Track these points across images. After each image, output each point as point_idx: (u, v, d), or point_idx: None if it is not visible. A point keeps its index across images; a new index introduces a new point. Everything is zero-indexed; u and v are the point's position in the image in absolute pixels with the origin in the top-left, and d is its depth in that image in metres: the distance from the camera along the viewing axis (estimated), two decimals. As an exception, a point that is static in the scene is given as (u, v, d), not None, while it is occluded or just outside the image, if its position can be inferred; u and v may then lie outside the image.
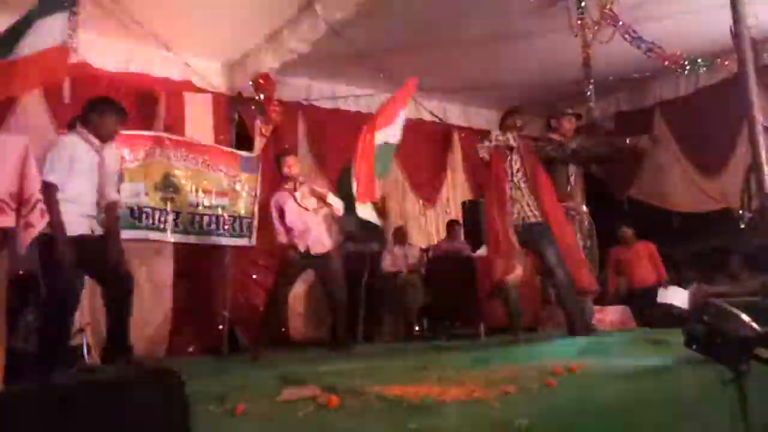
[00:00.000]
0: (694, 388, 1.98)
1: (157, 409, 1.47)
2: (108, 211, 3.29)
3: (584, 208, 4.43)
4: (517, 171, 3.86)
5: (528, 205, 3.80)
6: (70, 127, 3.68)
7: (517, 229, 3.78)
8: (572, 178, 4.17)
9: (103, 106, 3.32)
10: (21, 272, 3.84)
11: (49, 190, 2.95)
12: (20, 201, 1.62)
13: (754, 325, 2.06)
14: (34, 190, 1.64)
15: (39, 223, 1.64)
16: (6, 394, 1.48)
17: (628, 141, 4.21)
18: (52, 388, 1.53)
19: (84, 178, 3.16)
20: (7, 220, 1.61)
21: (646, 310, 5.43)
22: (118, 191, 3.53)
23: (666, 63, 5.06)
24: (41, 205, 1.65)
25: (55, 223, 2.92)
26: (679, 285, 6.21)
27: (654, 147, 4.33)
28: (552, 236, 3.72)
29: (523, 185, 3.83)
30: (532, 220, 3.78)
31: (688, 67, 5.13)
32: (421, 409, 1.70)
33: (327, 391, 1.98)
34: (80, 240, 3.06)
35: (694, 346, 2.47)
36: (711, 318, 2.44)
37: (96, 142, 3.26)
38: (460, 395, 1.86)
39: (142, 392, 1.51)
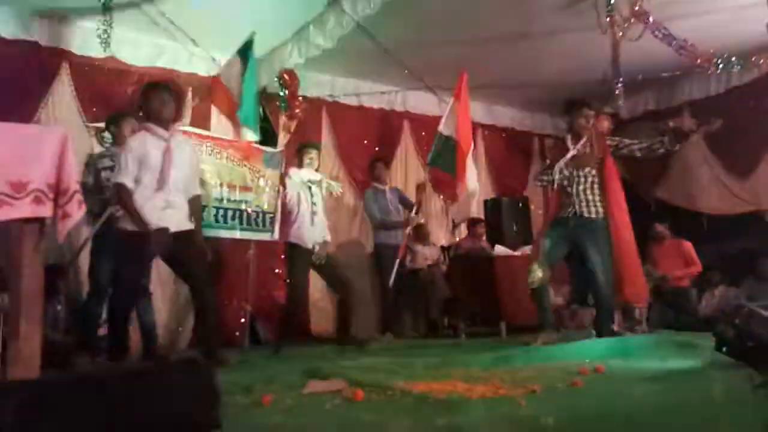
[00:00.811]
0: (724, 390, 1.95)
1: (188, 398, 1.50)
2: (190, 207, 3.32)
3: None
4: (584, 165, 3.72)
5: (588, 200, 3.67)
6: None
7: (568, 222, 3.68)
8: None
9: (154, 91, 3.32)
10: (50, 262, 3.94)
11: (120, 191, 3.11)
12: (57, 191, 1.67)
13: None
14: (71, 180, 1.68)
15: (76, 213, 1.67)
16: (44, 381, 1.52)
17: (671, 124, 4.10)
18: (87, 377, 1.57)
19: (154, 173, 3.16)
20: (45, 210, 1.65)
21: (675, 314, 5.31)
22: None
23: (698, 61, 4.95)
24: (78, 197, 1.69)
25: (136, 219, 3.04)
26: (706, 287, 6.10)
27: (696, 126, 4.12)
28: (604, 236, 3.62)
29: (589, 179, 3.70)
30: (586, 215, 3.65)
31: (721, 66, 5.00)
32: (447, 405, 1.70)
33: (352, 385, 2.00)
34: (154, 234, 3.07)
35: (724, 349, 2.44)
36: (742, 321, 2.41)
37: (162, 132, 3.25)
38: (486, 393, 1.86)
39: (175, 382, 1.54)
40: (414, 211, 5.51)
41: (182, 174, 3.27)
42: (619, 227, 3.66)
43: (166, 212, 3.14)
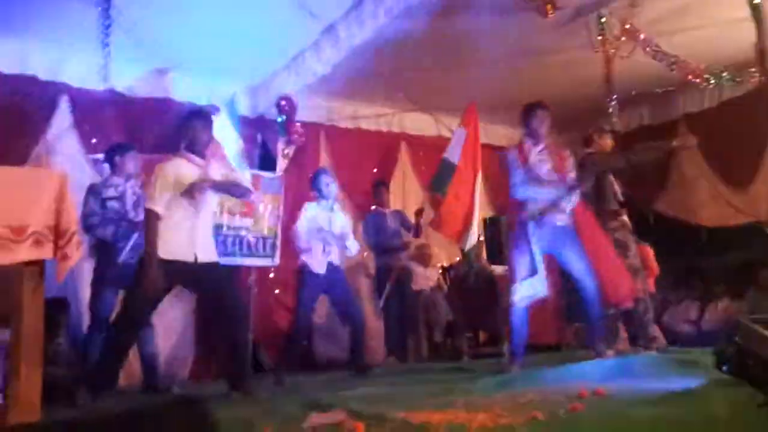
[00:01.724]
0: (727, 411, 1.94)
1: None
2: None
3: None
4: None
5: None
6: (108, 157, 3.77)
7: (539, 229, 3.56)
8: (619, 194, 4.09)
9: (190, 118, 3.26)
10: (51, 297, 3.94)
11: (150, 217, 3.03)
12: (57, 233, 1.69)
13: (788, 348, 2.01)
14: (71, 222, 1.71)
15: (75, 254, 1.70)
16: (47, 423, 1.52)
17: (674, 143, 4.20)
18: (88, 417, 1.57)
19: (189, 201, 3.07)
20: (45, 252, 1.67)
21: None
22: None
23: (690, 76, 5.00)
24: (77, 238, 1.71)
25: (150, 250, 2.96)
26: (707, 300, 6.08)
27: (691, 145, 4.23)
28: (577, 241, 3.55)
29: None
30: (558, 224, 3.57)
31: (712, 81, 5.06)
32: (447, 436, 1.69)
33: (353, 417, 1.99)
34: (175, 264, 3.02)
35: (725, 368, 2.43)
36: (743, 339, 2.40)
37: (198, 160, 3.17)
38: (487, 421, 1.85)
39: (174, 419, 1.54)
40: (413, 235, 5.52)
41: (215, 203, 3.24)
42: (584, 229, 3.59)
43: (196, 242, 3.08)
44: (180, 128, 3.28)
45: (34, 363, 1.70)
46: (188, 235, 3.06)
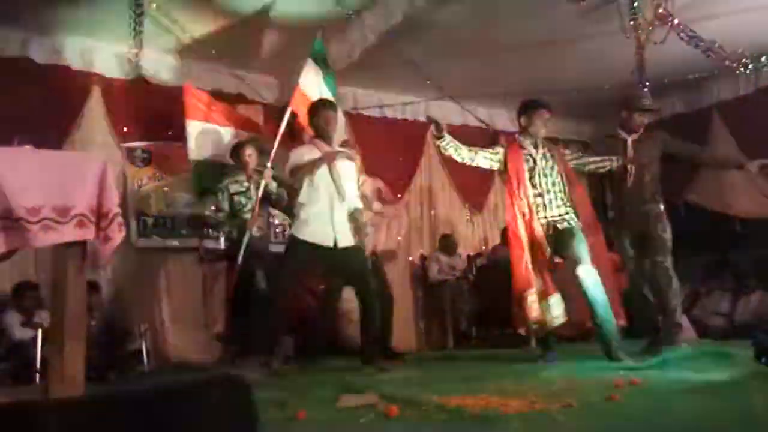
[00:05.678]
0: (764, 402, 1.90)
1: (227, 414, 1.52)
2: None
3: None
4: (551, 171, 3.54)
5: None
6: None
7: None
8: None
9: (319, 108, 3.49)
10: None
11: (293, 196, 3.35)
12: (99, 215, 1.73)
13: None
14: (112, 205, 1.75)
15: (117, 236, 1.74)
16: (85, 399, 1.56)
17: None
18: (124, 394, 1.60)
19: (317, 186, 3.30)
20: (88, 233, 1.72)
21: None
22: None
23: (726, 63, 4.86)
24: (119, 220, 1.75)
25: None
26: (740, 292, 5.93)
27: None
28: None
29: (558, 188, 3.56)
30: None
31: (750, 66, 4.90)
32: (482, 420, 1.69)
33: (386, 400, 2.00)
34: (315, 249, 3.24)
35: (764, 360, 2.38)
36: (781, 331, 2.35)
37: (326, 147, 3.38)
38: (522, 407, 1.84)
39: (213, 398, 1.56)
40: None
41: (347, 188, 3.36)
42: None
43: (336, 228, 3.26)
44: (310, 118, 3.48)
45: (78, 341, 1.76)
46: (330, 222, 3.25)
